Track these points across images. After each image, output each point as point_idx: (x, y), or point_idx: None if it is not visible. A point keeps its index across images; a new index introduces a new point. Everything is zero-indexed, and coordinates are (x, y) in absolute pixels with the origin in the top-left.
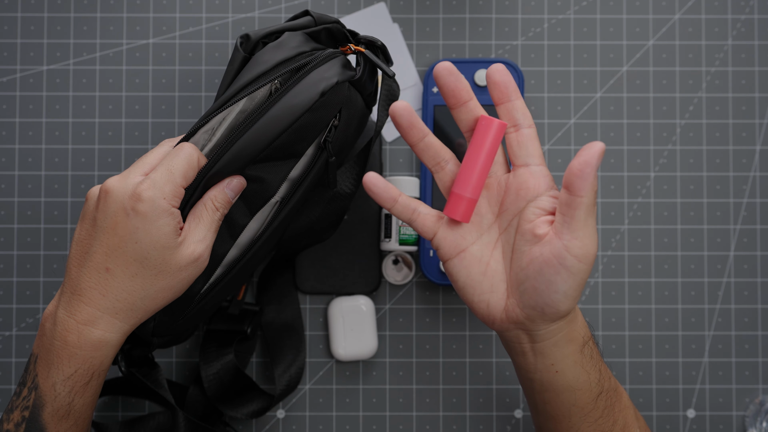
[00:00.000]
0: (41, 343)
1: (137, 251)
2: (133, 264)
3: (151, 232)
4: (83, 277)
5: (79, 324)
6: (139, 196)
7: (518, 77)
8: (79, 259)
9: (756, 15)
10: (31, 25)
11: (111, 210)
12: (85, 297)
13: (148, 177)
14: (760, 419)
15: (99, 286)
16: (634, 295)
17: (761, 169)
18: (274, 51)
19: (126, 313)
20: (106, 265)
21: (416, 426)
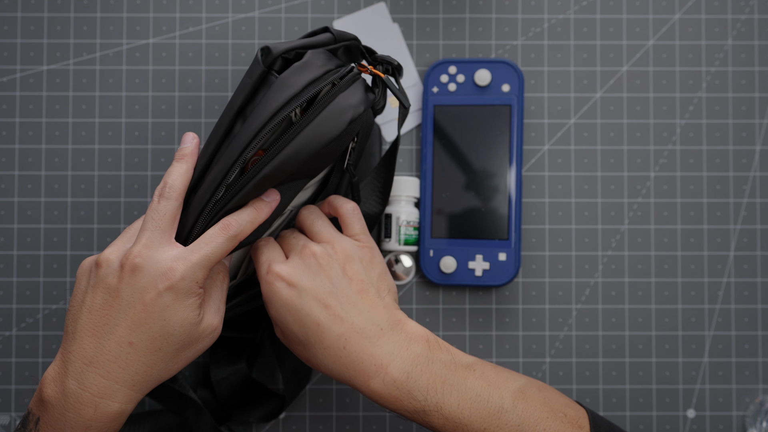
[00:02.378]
0: (46, 409)
1: (164, 327)
2: (158, 339)
3: (180, 310)
4: (102, 349)
5: (94, 397)
6: (173, 281)
7: (518, 77)
8: (94, 329)
9: (756, 15)
10: (31, 25)
11: (140, 286)
12: (102, 370)
13: (185, 259)
14: (760, 419)
15: (119, 359)
16: (634, 295)
17: (761, 169)
18: (300, 72)
19: (142, 384)
20: (130, 339)
21: (416, 425)
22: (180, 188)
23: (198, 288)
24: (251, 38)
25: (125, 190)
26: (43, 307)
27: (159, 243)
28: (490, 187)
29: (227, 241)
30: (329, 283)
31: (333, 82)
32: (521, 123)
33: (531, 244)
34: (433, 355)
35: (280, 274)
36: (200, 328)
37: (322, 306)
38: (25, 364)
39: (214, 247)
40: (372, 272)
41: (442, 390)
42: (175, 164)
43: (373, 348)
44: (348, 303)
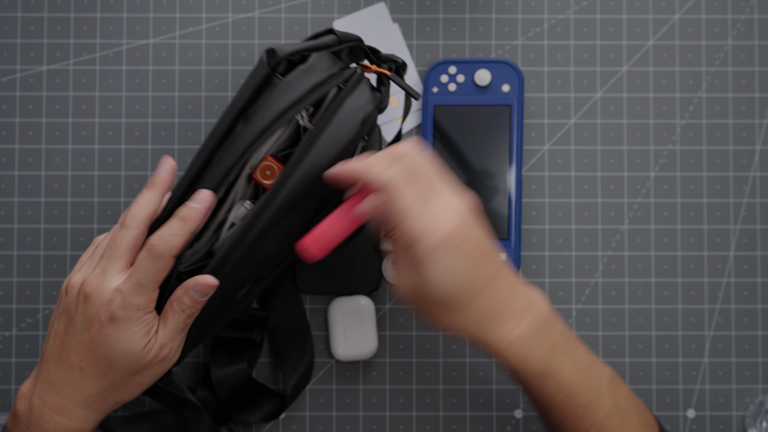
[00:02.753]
0: (16, 423)
1: (108, 356)
2: (103, 366)
3: (121, 339)
4: (60, 372)
5: (53, 414)
6: (112, 312)
7: (518, 77)
8: (56, 352)
9: (756, 15)
10: (31, 25)
11: (88, 315)
12: (60, 390)
13: (119, 290)
14: (760, 419)
15: (73, 382)
16: (634, 295)
17: (761, 169)
18: (305, 75)
19: (98, 405)
20: (80, 364)
21: (416, 426)
22: (143, 217)
23: (141, 314)
24: (251, 38)
25: (125, 190)
26: (43, 307)
27: (110, 272)
28: (490, 187)
29: (155, 263)
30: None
31: (339, 85)
32: (521, 123)
33: (531, 244)
34: (553, 317)
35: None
36: (148, 358)
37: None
38: (25, 364)
39: (142, 272)
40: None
41: (562, 353)
42: (144, 191)
43: (511, 305)
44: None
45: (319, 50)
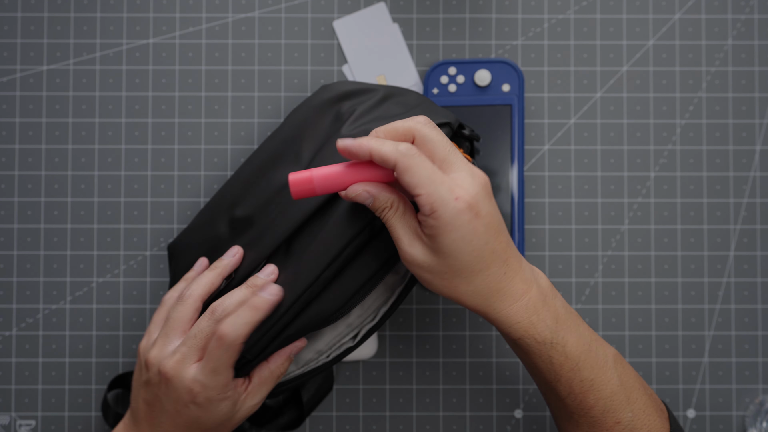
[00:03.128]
0: None
1: (200, 426)
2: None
3: (208, 417)
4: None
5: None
6: (194, 400)
7: (518, 77)
8: (149, 419)
9: (756, 15)
10: (31, 25)
11: (172, 398)
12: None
13: (196, 380)
14: (760, 419)
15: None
16: (634, 295)
17: (761, 169)
18: None
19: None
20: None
21: (416, 426)
22: (199, 296)
23: (221, 394)
24: (251, 38)
25: (125, 190)
26: (43, 307)
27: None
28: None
29: (226, 352)
30: (496, 211)
31: None
32: (522, 123)
33: (531, 244)
34: (555, 291)
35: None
36: (236, 418)
37: (497, 235)
38: (25, 364)
39: (215, 361)
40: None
41: (566, 326)
42: (207, 273)
43: (520, 273)
44: (504, 231)
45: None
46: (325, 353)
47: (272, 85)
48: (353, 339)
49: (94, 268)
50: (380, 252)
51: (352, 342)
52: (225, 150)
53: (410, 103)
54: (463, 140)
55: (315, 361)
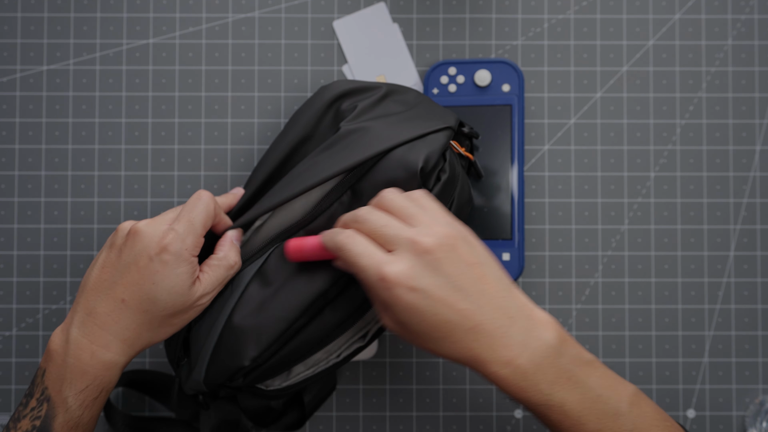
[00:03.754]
0: (50, 358)
1: (153, 291)
2: (146, 301)
3: (169, 277)
4: (100, 303)
5: (92, 344)
6: (165, 248)
7: (518, 77)
8: (97, 285)
9: (756, 15)
10: (31, 25)
11: (137, 249)
12: (99, 320)
13: (173, 228)
14: (760, 419)
15: (113, 313)
16: (634, 295)
17: (761, 169)
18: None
19: (133, 340)
20: (123, 296)
21: (416, 426)
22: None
23: (188, 255)
24: (251, 38)
25: (125, 190)
26: (43, 307)
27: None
28: (492, 188)
29: (204, 206)
30: (452, 278)
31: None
32: (522, 123)
33: (531, 244)
34: (563, 347)
35: (399, 280)
36: (189, 300)
37: (449, 306)
38: (25, 364)
39: (194, 213)
40: (480, 249)
41: (568, 385)
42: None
43: (504, 339)
44: (475, 294)
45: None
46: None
47: (272, 85)
48: (362, 338)
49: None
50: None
51: (362, 342)
52: (225, 150)
53: (410, 102)
54: (463, 138)
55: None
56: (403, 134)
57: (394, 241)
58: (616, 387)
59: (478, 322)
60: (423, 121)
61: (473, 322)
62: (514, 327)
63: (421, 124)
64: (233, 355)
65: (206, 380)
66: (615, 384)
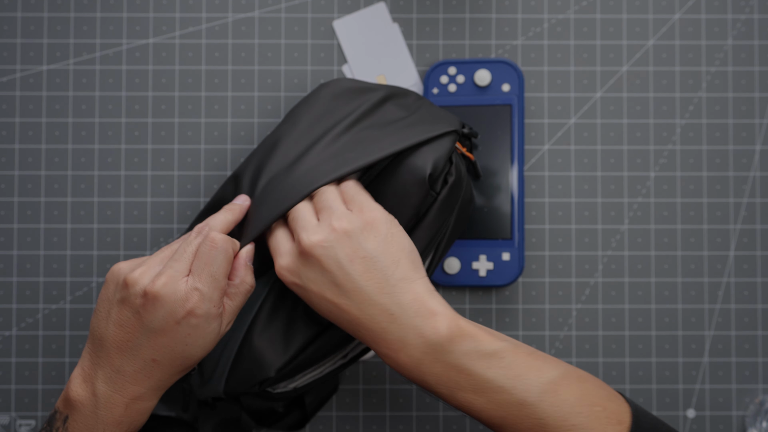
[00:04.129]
0: (75, 408)
1: (185, 351)
2: (179, 358)
3: (200, 337)
4: (128, 362)
5: (125, 398)
6: (191, 311)
7: (518, 77)
8: (121, 345)
9: (756, 15)
10: (31, 25)
11: (160, 315)
12: (130, 378)
13: (196, 288)
14: (760, 419)
15: (145, 371)
16: (634, 295)
17: (761, 169)
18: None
19: (166, 385)
20: (153, 357)
21: (416, 426)
22: (219, 230)
23: (217, 310)
24: (251, 38)
25: (125, 190)
26: (43, 307)
27: (182, 275)
28: (492, 187)
29: (220, 255)
30: (328, 275)
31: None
32: (522, 123)
33: (531, 244)
34: (452, 345)
35: (281, 272)
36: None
37: (327, 300)
38: (25, 364)
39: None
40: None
41: (457, 379)
42: (222, 212)
43: (384, 334)
44: (352, 291)
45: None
46: (341, 353)
47: (272, 85)
48: None
49: (94, 268)
50: None
51: None
52: (225, 150)
53: (411, 106)
54: (464, 138)
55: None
56: (408, 139)
57: (295, 235)
58: (526, 376)
59: (355, 317)
60: (427, 125)
61: (351, 316)
62: (393, 324)
63: (426, 129)
64: (259, 366)
65: (227, 389)
66: (525, 372)
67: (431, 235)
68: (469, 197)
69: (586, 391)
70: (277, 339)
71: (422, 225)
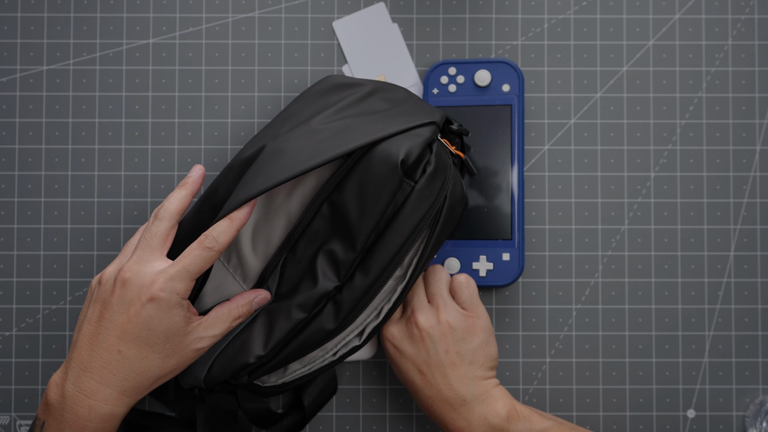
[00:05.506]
0: (49, 411)
1: (149, 337)
2: (144, 348)
3: (162, 320)
4: (95, 356)
5: (89, 399)
6: (154, 294)
7: (518, 77)
8: (90, 338)
9: (756, 15)
10: (31, 25)
11: (127, 298)
12: (96, 375)
13: (165, 272)
14: (760, 419)
15: (110, 366)
16: (634, 295)
17: (761, 169)
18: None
19: (133, 390)
20: (118, 347)
21: (416, 426)
22: (174, 211)
23: (179, 299)
24: (251, 38)
25: (125, 190)
26: (43, 307)
27: (148, 259)
28: (492, 188)
29: (204, 252)
30: (426, 353)
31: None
32: (522, 123)
33: (531, 244)
34: (509, 425)
35: (387, 336)
36: (187, 342)
37: (417, 371)
38: (25, 364)
39: (191, 259)
40: (470, 344)
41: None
42: (176, 190)
43: (453, 414)
44: (439, 373)
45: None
46: (331, 351)
47: (272, 85)
48: (359, 337)
49: (93, 268)
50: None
51: (358, 340)
52: (225, 150)
53: (398, 100)
54: (453, 136)
55: (321, 360)
56: (386, 129)
57: (408, 308)
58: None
59: (434, 393)
60: (408, 117)
61: (431, 392)
62: (464, 407)
63: (406, 120)
64: (238, 353)
65: (207, 377)
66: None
67: (412, 225)
68: (459, 196)
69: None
70: (262, 331)
71: (401, 214)
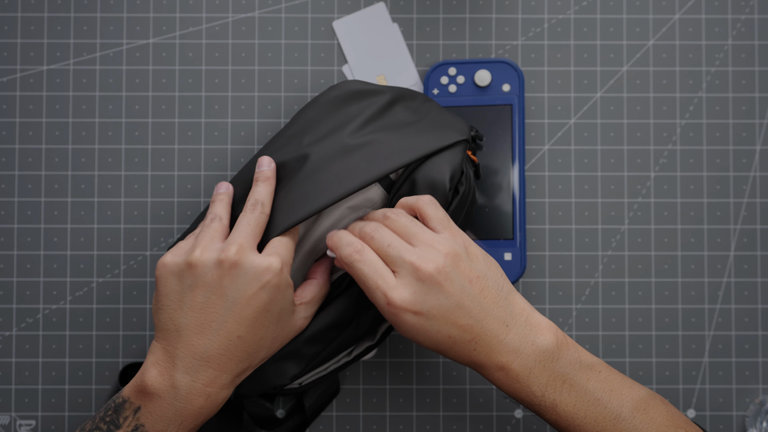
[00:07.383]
0: (150, 399)
1: (267, 318)
2: (260, 329)
3: (279, 301)
4: (212, 344)
5: (207, 387)
6: (271, 278)
7: (518, 77)
8: (200, 326)
9: (756, 15)
10: (31, 25)
11: (242, 282)
12: (214, 363)
13: (278, 253)
14: (760, 419)
15: (229, 352)
16: (634, 295)
17: (761, 169)
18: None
19: (244, 372)
20: (238, 333)
21: (416, 426)
22: (268, 204)
23: (290, 280)
24: (251, 38)
25: (125, 190)
26: (43, 307)
27: (252, 245)
28: (493, 188)
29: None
30: (453, 297)
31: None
32: (522, 122)
33: (531, 244)
34: (560, 352)
35: (404, 305)
36: (293, 321)
37: (451, 323)
38: (25, 364)
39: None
40: (479, 262)
41: (561, 389)
42: (261, 184)
43: (500, 346)
44: (475, 309)
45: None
46: (346, 351)
47: (272, 85)
48: (372, 337)
49: (94, 268)
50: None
51: (371, 340)
52: (225, 150)
53: (420, 110)
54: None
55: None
56: (420, 149)
57: (397, 263)
58: (620, 391)
59: (477, 334)
60: (438, 132)
61: (473, 334)
62: (510, 334)
63: (437, 136)
64: (274, 374)
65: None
66: (619, 388)
67: None
68: (473, 199)
69: (671, 413)
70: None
71: None
